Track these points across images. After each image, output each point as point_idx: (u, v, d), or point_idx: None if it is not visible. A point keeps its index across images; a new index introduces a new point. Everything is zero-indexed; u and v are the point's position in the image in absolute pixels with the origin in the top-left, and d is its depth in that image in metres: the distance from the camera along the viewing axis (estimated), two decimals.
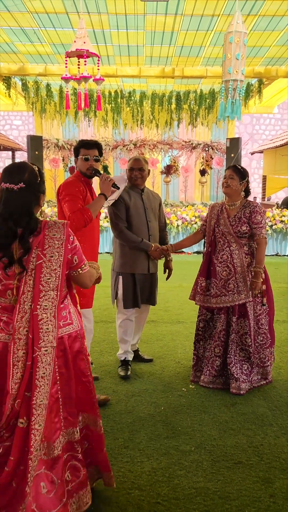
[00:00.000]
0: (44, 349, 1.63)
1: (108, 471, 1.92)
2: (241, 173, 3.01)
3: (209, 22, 7.41)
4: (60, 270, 1.68)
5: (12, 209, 1.65)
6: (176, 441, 2.39)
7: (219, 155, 12.15)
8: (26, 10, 7.06)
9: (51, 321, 1.66)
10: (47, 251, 1.67)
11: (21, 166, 1.71)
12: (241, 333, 2.99)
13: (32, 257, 1.66)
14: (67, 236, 1.71)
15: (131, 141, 11.93)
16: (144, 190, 3.26)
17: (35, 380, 1.60)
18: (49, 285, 1.66)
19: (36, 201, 1.71)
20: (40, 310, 1.65)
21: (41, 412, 1.60)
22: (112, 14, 7.16)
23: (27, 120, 17.32)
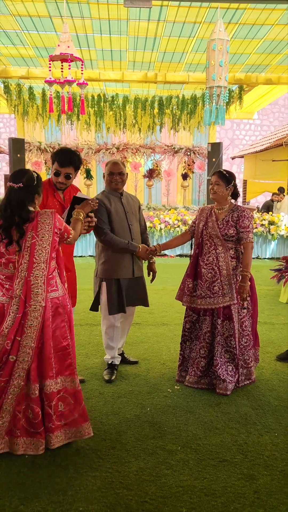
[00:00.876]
0: (34, 307, 2.18)
1: (87, 421, 2.33)
2: (226, 178, 3.05)
3: (191, 28, 7.52)
4: (49, 247, 2.23)
5: (11, 202, 2.21)
6: (163, 441, 2.43)
7: (201, 159, 12.30)
8: (9, 13, 7.04)
9: (41, 286, 2.20)
10: (39, 233, 2.22)
11: (23, 171, 2.28)
12: (226, 335, 3.05)
13: (28, 237, 2.20)
14: (54, 222, 2.24)
15: (113, 145, 11.96)
16: (123, 193, 3.26)
17: (24, 328, 2.16)
18: (40, 259, 2.21)
19: (31, 199, 2.24)
20: (32, 277, 2.19)
21: (26, 351, 2.16)
22: (95, 19, 7.19)
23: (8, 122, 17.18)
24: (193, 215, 9.59)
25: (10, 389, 2.15)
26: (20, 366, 2.16)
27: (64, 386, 2.29)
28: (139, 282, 3.28)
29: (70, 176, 2.76)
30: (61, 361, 2.28)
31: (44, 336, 2.22)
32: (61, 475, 2.12)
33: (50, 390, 2.23)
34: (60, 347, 2.28)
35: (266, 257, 9.30)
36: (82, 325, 4.39)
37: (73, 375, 2.31)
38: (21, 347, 2.16)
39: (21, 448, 2.22)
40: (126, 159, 12.04)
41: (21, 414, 2.21)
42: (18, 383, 2.16)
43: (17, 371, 2.15)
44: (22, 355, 2.16)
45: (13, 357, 2.15)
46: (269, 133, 15.60)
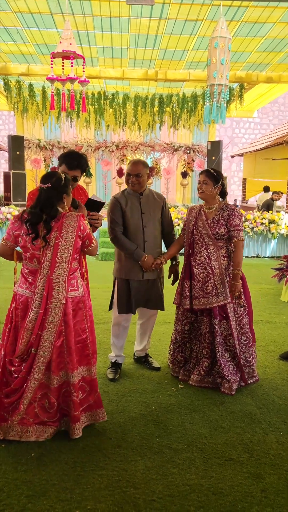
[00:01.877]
0: (54, 304, 2.31)
1: (101, 407, 2.51)
2: (214, 177, 3.03)
3: (193, 26, 7.51)
4: (72, 249, 2.36)
5: (41, 201, 2.34)
6: (168, 440, 2.43)
7: (201, 157, 12.30)
8: (10, 9, 7.00)
9: (62, 285, 2.33)
10: (63, 234, 2.35)
11: (52, 173, 2.41)
12: (225, 334, 3.06)
13: (52, 237, 2.33)
14: (78, 225, 2.37)
15: (113, 142, 11.94)
16: (144, 193, 3.14)
17: (45, 323, 2.31)
18: (62, 259, 2.34)
19: (59, 198, 2.38)
20: (54, 276, 2.32)
21: (47, 345, 2.31)
22: (96, 16, 7.17)
23: (7, 119, 17.12)
24: None
25: (30, 382, 2.30)
26: (41, 360, 2.30)
27: (82, 375, 2.44)
28: (151, 285, 3.19)
29: (77, 179, 2.75)
30: (81, 352, 2.43)
31: (67, 330, 2.35)
32: (68, 473, 2.12)
33: (75, 380, 2.37)
34: (79, 339, 2.42)
35: (266, 256, 9.31)
36: None
37: (90, 365, 2.46)
38: (42, 341, 2.30)
39: (33, 435, 2.36)
40: (126, 156, 12.03)
41: (36, 402, 2.36)
42: (38, 376, 2.31)
43: (37, 364, 2.30)
44: (42, 349, 2.30)
45: (35, 350, 2.31)
46: (269, 132, 15.59)
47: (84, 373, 2.45)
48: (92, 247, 2.51)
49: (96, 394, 2.50)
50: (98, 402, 2.50)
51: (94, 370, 2.49)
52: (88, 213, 2.72)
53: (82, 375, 2.44)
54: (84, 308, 2.45)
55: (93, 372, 2.48)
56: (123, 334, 3.28)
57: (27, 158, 11.33)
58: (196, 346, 3.17)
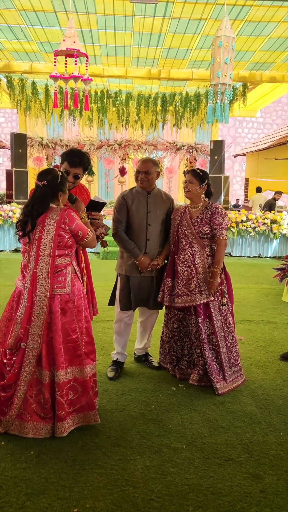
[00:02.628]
0: (39, 297, 2.33)
1: (93, 409, 2.47)
2: (200, 177, 3.04)
3: (197, 25, 7.49)
4: (52, 241, 2.33)
5: (34, 198, 2.36)
6: (168, 439, 2.43)
7: (203, 157, 12.29)
8: (14, 7, 7.00)
9: (45, 278, 2.34)
10: (45, 227, 2.34)
11: (48, 170, 2.40)
12: (208, 333, 3.05)
13: (37, 231, 2.35)
14: (61, 217, 2.35)
15: (116, 141, 11.94)
16: (152, 192, 3.14)
17: (32, 316, 2.33)
18: (44, 252, 2.34)
19: (54, 196, 2.37)
20: (38, 269, 2.34)
21: (35, 338, 2.33)
22: (100, 14, 7.16)
23: (10, 117, 17.12)
24: None
25: (22, 376, 2.33)
26: (30, 353, 2.33)
27: (73, 376, 2.42)
28: (152, 283, 3.18)
29: (79, 176, 2.75)
30: (72, 353, 2.41)
31: (53, 328, 2.35)
32: (67, 471, 2.12)
33: (61, 380, 2.35)
34: (69, 339, 2.39)
35: (268, 256, 9.30)
36: None
37: (82, 366, 2.43)
38: (30, 334, 2.32)
39: (31, 432, 2.37)
40: (128, 155, 12.03)
41: (32, 398, 2.37)
42: (29, 369, 2.33)
43: (27, 357, 2.33)
44: (31, 342, 2.32)
45: (24, 344, 2.33)
46: (272, 132, 15.56)
47: (76, 374, 2.43)
48: (88, 239, 2.47)
49: (89, 396, 2.45)
50: (90, 404, 2.46)
51: (89, 371, 2.47)
52: (90, 213, 2.73)
53: (73, 376, 2.42)
54: (74, 308, 2.42)
55: (86, 373, 2.44)
56: (125, 331, 3.28)
57: (29, 156, 11.34)
58: (187, 344, 3.17)
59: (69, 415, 2.39)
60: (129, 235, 3.15)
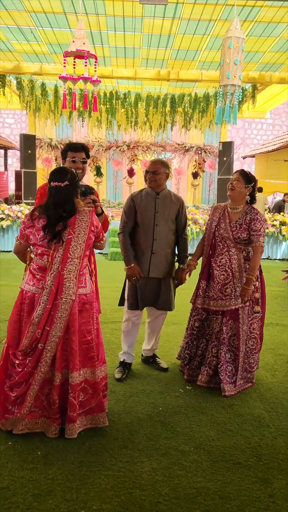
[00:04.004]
0: (64, 299, 2.31)
1: (103, 411, 2.47)
2: (247, 177, 3.03)
3: (206, 26, 7.47)
4: (84, 244, 2.37)
5: (60, 200, 2.31)
6: (175, 442, 2.41)
7: (212, 158, 12.26)
8: (24, 9, 7.04)
9: (73, 280, 2.34)
10: (76, 230, 2.35)
11: (64, 170, 2.38)
12: (230, 334, 3.04)
13: (65, 232, 2.33)
14: (91, 221, 2.40)
15: (124, 142, 11.96)
16: (161, 193, 3.14)
17: (54, 318, 2.30)
18: (75, 254, 2.34)
19: (76, 193, 2.39)
20: (66, 271, 2.33)
21: (54, 340, 2.31)
22: (110, 15, 7.17)
23: (19, 118, 17.23)
24: (203, 214, 9.54)
25: (37, 375, 2.32)
26: (48, 354, 2.32)
27: (85, 377, 2.42)
28: (159, 284, 3.17)
29: (86, 160, 2.82)
30: (85, 354, 2.41)
31: (71, 329, 2.35)
32: (74, 473, 2.11)
33: (75, 381, 2.34)
34: (84, 340, 2.40)
35: (277, 258, 9.23)
36: None
37: (94, 367, 2.43)
38: (50, 336, 2.31)
39: (40, 427, 2.41)
40: (137, 156, 12.03)
41: (43, 396, 2.39)
42: (44, 369, 2.32)
43: (44, 358, 2.31)
44: (50, 344, 2.31)
45: (42, 345, 2.31)
46: (281, 133, 15.47)
47: (87, 376, 2.43)
48: (104, 241, 2.55)
49: (99, 398, 2.45)
50: (100, 406, 2.46)
51: (100, 373, 2.47)
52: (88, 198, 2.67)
53: (85, 377, 2.42)
54: (91, 309, 2.44)
55: (97, 375, 2.45)
56: (132, 331, 3.27)
57: (38, 157, 11.40)
58: (203, 345, 3.15)
59: (79, 417, 2.39)
60: (137, 234, 3.16)
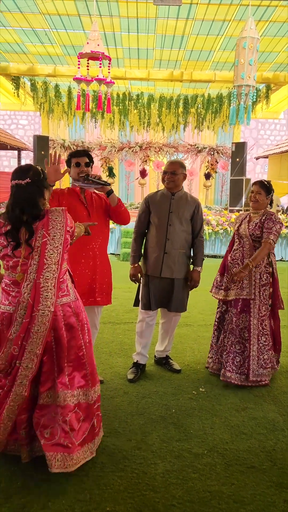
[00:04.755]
0: (42, 311, 2.00)
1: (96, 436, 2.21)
2: (267, 188, 3.18)
3: (220, 27, 7.44)
4: (61, 247, 2.06)
5: (20, 200, 2.02)
6: (189, 444, 2.40)
7: (224, 159, 12.19)
8: (39, 11, 7.10)
9: (51, 289, 2.02)
10: (50, 232, 2.05)
11: (27, 167, 2.10)
12: (241, 327, 3.14)
13: (38, 236, 2.03)
14: (66, 220, 2.09)
15: (137, 143, 11.97)
16: (176, 194, 3.14)
17: (30, 333, 2.00)
18: (51, 260, 2.03)
19: (40, 194, 2.08)
20: (42, 279, 2.02)
21: (31, 357, 2.00)
22: (123, 17, 7.19)
23: (33, 120, 17.37)
24: (215, 215, 9.50)
25: (12, 394, 2.00)
26: (23, 373, 2.00)
27: (78, 400, 2.13)
28: (172, 285, 3.14)
29: (89, 164, 2.86)
30: (76, 372, 2.13)
31: (58, 347, 2.07)
32: (88, 474, 2.11)
33: (65, 402, 2.06)
34: (74, 357, 2.12)
35: None
36: (105, 323, 4.39)
37: (86, 387, 2.16)
38: (26, 352, 2.00)
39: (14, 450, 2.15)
40: (149, 157, 12.03)
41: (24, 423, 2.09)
42: (19, 390, 2.00)
43: (19, 377, 2.00)
44: (26, 361, 2.00)
45: (19, 363, 2.01)
46: None
47: (80, 399, 2.13)
48: (77, 232, 2.28)
49: (91, 423, 2.17)
50: (92, 432, 2.17)
51: (93, 394, 2.18)
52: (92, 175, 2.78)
53: (78, 400, 2.12)
54: (79, 320, 2.15)
55: (91, 396, 2.17)
56: (146, 332, 3.26)
57: None
58: (228, 341, 3.20)
59: (76, 449, 2.07)
60: (151, 234, 3.20)
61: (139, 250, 3.24)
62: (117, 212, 2.89)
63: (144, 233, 3.27)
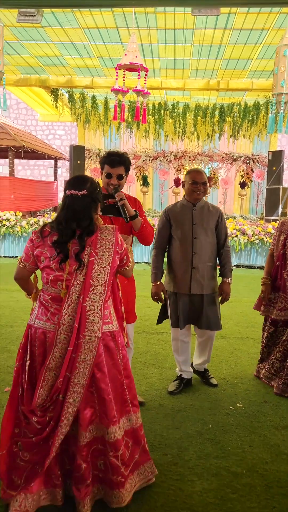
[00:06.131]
0: (88, 337, 1.85)
1: (149, 459, 2.07)
2: None
3: (259, 35, 7.36)
4: (109, 268, 1.92)
5: (75, 212, 1.89)
6: (227, 462, 2.33)
7: (260, 168, 11.99)
8: (78, 25, 7.28)
9: (97, 313, 1.88)
10: (99, 250, 1.91)
11: (84, 178, 1.99)
12: None
13: (85, 254, 1.89)
14: (116, 239, 1.96)
15: (171, 152, 11.99)
16: (198, 204, 3.04)
17: (76, 362, 1.83)
18: (98, 281, 1.89)
19: (95, 207, 1.95)
20: (88, 302, 1.86)
21: (77, 389, 1.82)
22: (161, 28, 7.25)
23: (70, 130, 17.78)
24: (251, 224, 9.33)
25: (57, 438, 1.81)
26: (70, 410, 1.81)
27: (124, 429, 1.99)
28: (202, 301, 3.02)
29: (122, 177, 2.61)
30: (119, 401, 1.98)
31: (99, 375, 1.89)
32: None
33: (114, 438, 1.89)
34: (116, 385, 1.97)
35: None
36: (139, 333, 4.37)
37: (129, 413, 2.02)
38: (72, 385, 1.82)
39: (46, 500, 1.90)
40: (183, 166, 12.01)
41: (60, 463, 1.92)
42: (65, 430, 1.82)
43: (65, 415, 1.81)
44: (72, 395, 1.81)
45: (62, 397, 1.83)
46: None
47: (125, 426, 1.99)
48: (130, 266, 2.12)
49: (142, 445, 2.05)
50: (144, 454, 2.05)
51: (135, 418, 2.05)
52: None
53: (124, 429, 1.98)
54: (117, 346, 1.99)
55: (134, 420, 2.03)
56: (183, 350, 3.15)
57: (87, 167, 11.67)
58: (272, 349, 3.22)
59: (127, 479, 1.93)
60: (174, 250, 3.05)
61: (161, 266, 3.11)
62: (140, 236, 2.68)
63: (165, 248, 3.12)
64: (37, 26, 7.22)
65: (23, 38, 7.90)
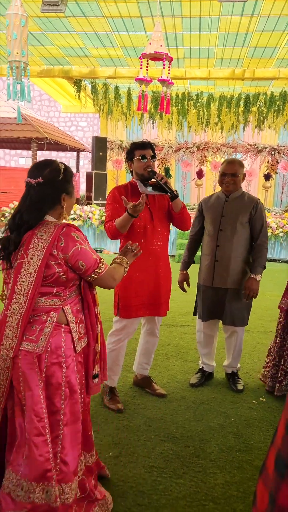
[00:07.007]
0: (2, 353, 1.55)
1: None
2: None
3: (287, 22, 7.15)
4: (35, 275, 1.53)
5: (25, 204, 1.58)
6: (249, 455, 2.30)
7: (286, 159, 11.73)
8: (102, 15, 7.22)
9: (13, 327, 1.54)
10: (30, 251, 1.54)
11: (44, 162, 1.63)
12: None
13: (18, 255, 1.57)
14: (53, 239, 1.53)
15: (194, 143, 11.85)
16: (231, 196, 2.91)
17: None
18: (21, 289, 1.54)
19: (54, 199, 1.60)
20: (9, 311, 1.56)
21: None
22: (186, 16, 7.12)
23: (92, 121, 17.81)
24: (275, 217, 9.16)
25: None
26: None
27: None
28: (226, 295, 2.92)
29: (155, 157, 2.65)
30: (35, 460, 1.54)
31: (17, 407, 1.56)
32: (145, 477, 2.09)
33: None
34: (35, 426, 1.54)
35: None
36: (161, 325, 4.31)
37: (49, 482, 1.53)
38: None
39: None
40: (206, 158, 11.87)
41: None
42: None
43: None
44: None
45: None
46: None
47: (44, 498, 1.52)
48: (100, 274, 1.62)
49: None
50: None
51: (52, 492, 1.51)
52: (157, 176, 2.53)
53: None
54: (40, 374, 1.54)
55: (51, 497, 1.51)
56: (206, 342, 3.12)
57: (109, 159, 11.66)
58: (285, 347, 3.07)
59: None
60: (205, 241, 3.05)
61: (190, 256, 3.12)
62: (180, 218, 2.66)
63: (197, 239, 3.12)
64: (60, 16, 7.20)
65: (46, 28, 7.89)
